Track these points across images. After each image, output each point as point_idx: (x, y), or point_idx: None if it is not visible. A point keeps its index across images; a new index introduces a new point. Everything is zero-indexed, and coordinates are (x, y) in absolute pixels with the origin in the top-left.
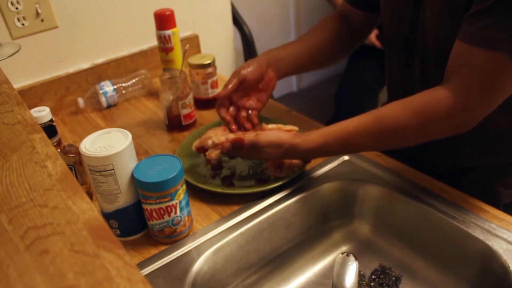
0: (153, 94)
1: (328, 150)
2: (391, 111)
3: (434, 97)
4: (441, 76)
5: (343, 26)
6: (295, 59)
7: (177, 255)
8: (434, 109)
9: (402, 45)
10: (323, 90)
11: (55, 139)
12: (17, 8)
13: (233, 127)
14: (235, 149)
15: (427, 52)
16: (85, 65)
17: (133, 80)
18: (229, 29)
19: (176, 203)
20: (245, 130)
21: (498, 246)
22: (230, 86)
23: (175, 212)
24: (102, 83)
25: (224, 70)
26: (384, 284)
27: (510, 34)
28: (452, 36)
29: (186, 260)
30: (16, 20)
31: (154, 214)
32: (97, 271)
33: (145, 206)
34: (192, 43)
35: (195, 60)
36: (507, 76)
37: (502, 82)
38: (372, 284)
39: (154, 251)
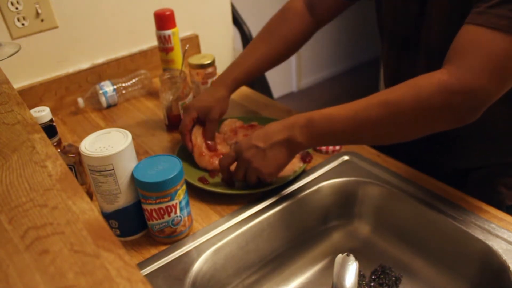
0: (153, 94)
1: (334, 126)
2: (391, 88)
3: (427, 74)
4: None
5: (307, 15)
6: (257, 67)
7: (177, 255)
8: (424, 81)
9: (405, 45)
10: (323, 90)
11: (55, 139)
12: (17, 8)
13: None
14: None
15: (432, 51)
16: (85, 65)
17: (133, 80)
18: (229, 29)
19: (176, 203)
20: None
21: (498, 246)
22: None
23: (175, 212)
24: (102, 83)
25: None
26: (384, 284)
27: None
28: None
29: (186, 260)
30: (16, 20)
31: (154, 214)
32: (97, 271)
33: (145, 206)
34: (192, 43)
35: (195, 60)
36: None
37: (508, 63)
38: (372, 284)
39: (154, 251)
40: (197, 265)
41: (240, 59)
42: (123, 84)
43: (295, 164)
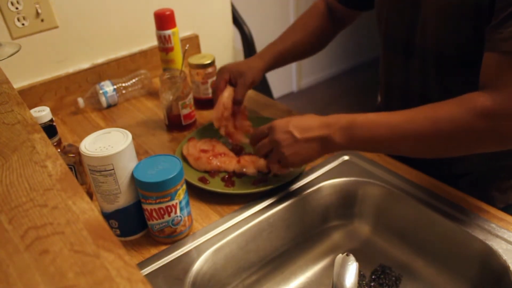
0: (153, 94)
1: (376, 133)
2: (438, 104)
3: (472, 95)
4: (441, 78)
5: (329, 18)
6: (289, 52)
7: (177, 255)
8: (469, 102)
9: (400, 46)
10: (323, 90)
11: (55, 139)
12: (17, 8)
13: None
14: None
15: (427, 53)
16: (85, 65)
17: (133, 80)
18: (229, 29)
19: (176, 203)
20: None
21: (498, 246)
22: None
23: (175, 212)
24: (102, 83)
25: None
26: (384, 284)
27: None
28: (456, 39)
29: (186, 260)
30: (16, 20)
31: (154, 214)
32: (97, 271)
33: (145, 206)
34: (192, 43)
35: (195, 60)
36: None
37: None
38: (372, 284)
39: (154, 251)
40: (197, 265)
41: (273, 44)
42: (123, 84)
43: None
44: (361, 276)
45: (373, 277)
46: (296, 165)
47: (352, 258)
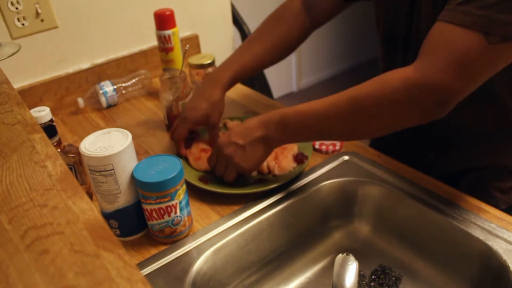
0: (153, 94)
1: (306, 123)
2: (360, 84)
3: (395, 70)
4: None
5: (304, 15)
6: (252, 66)
7: (177, 255)
8: (390, 76)
9: (398, 43)
10: (323, 90)
11: (55, 139)
12: (17, 8)
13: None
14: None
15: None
16: (85, 65)
17: (133, 80)
18: (229, 29)
19: (176, 203)
20: None
21: (498, 246)
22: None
23: (175, 212)
24: (102, 83)
25: None
26: (384, 284)
27: (485, 12)
28: None
29: (186, 260)
30: (16, 20)
31: (154, 214)
32: (97, 271)
33: (145, 206)
34: (192, 43)
35: (195, 60)
36: (477, 55)
37: (472, 61)
38: (372, 284)
39: (154, 251)
40: (197, 265)
41: (235, 57)
42: (123, 84)
43: (289, 164)
44: (361, 276)
45: (373, 277)
46: (253, 169)
47: (352, 258)
